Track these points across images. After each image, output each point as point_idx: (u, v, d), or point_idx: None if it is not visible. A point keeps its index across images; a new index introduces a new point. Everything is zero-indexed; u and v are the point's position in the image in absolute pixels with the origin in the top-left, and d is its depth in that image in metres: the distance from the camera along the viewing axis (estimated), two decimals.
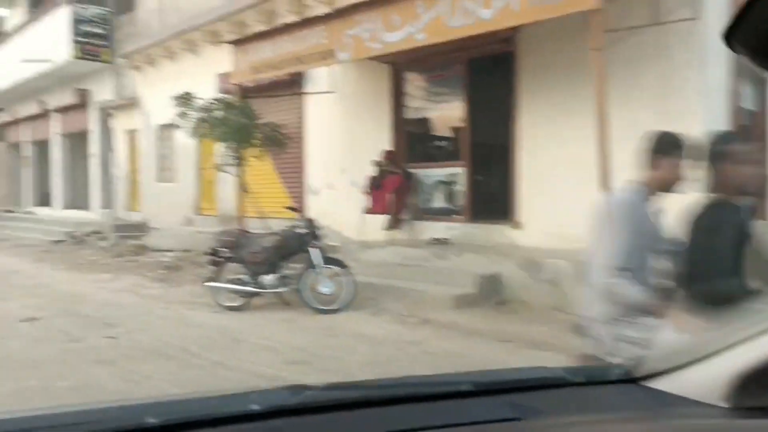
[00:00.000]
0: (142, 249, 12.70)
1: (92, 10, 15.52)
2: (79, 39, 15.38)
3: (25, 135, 21.30)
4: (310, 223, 7.28)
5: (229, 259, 7.58)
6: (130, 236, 14.04)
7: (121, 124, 15.84)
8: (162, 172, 14.58)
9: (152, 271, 10.29)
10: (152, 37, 13.84)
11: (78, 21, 15.36)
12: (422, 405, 1.25)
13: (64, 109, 18.14)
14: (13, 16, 21.86)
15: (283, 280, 7.30)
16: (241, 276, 7.44)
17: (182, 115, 8.84)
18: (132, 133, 15.62)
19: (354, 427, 1.18)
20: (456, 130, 9.00)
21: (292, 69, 8.56)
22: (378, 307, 6.97)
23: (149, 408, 1.14)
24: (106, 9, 15.70)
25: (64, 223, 16.73)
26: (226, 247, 7.57)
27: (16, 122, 21.69)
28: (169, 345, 5.77)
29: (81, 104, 17.08)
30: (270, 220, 10.14)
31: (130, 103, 15.13)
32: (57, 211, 19.07)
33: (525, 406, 1.22)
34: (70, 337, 6.19)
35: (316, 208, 10.52)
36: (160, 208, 14.33)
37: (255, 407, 1.14)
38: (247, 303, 7.45)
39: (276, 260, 7.31)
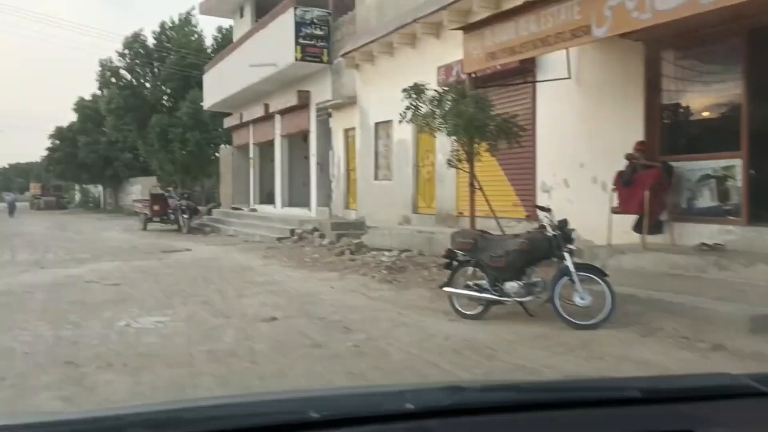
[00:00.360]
0: (361, 247, 12.62)
1: (313, 13, 15.91)
2: (302, 41, 15.84)
3: (250, 137, 22.72)
4: (562, 224, 6.39)
5: (466, 263, 6.96)
6: (348, 234, 14.11)
7: (338, 123, 16.08)
8: (378, 170, 14.50)
9: (376, 271, 10.03)
10: (371, 34, 13.77)
11: (300, 24, 15.83)
12: (585, 411, 1.21)
13: (286, 111, 18.94)
14: (239, 26, 23.45)
15: (529, 288, 6.50)
16: (480, 282, 6.77)
17: (412, 107, 8.35)
18: (349, 132, 15.77)
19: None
20: (729, 115, 7.56)
21: (534, 53, 7.72)
22: (648, 326, 5.90)
23: (311, 402, 1.22)
24: (326, 11, 16.03)
25: (285, 220, 17.42)
26: (462, 250, 6.95)
27: (242, 125, 23.24)
28: (417, 358, 5.23)
29: (302, 105, 17.68)
30: (492, 219, 9.44)
31: (348, 102, 15.26)
32: (279, 209, 20.02)
33: (699, 417, 1.15)
34: (311, 341, 5.91)
35: (548, 206, 9.60)
36: (377, 207, 14.24)
37: (410, 407, 1.14)
38: (485, 311, 6.76)
39: (521, 265, 6.53)
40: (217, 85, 23.44)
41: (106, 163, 43.54)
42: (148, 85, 33.51)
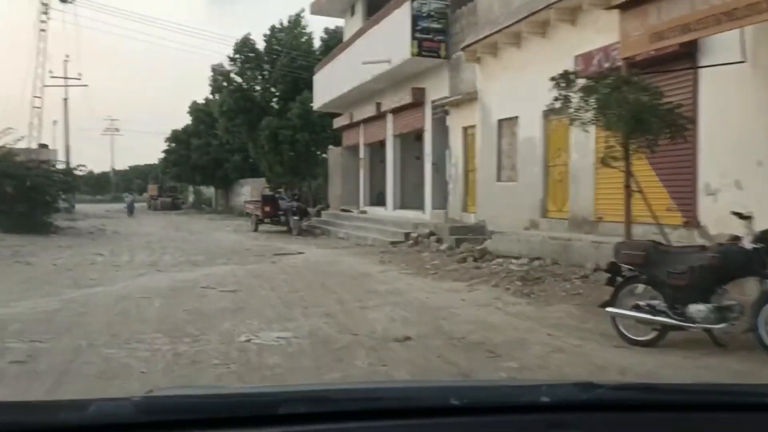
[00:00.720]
0: (485, 254, 11.64)
1: (431, 5, 15.08)
2: (418, 36, 15.05)
3: (361, 137, 22.22)
4: (765, 236, 5.19)
5: (634, 279, 5.87)
6: (468, 239, 13.18)
7: (456, 121, 15.16)
8: (501, 171, 13.45)
9: (508, 282, 9.04)
10: (495, 24, 12.76)
11: (417, 18, 15.04)
12: (721, 415, 1.19)
13: (399, 110, 18.23)
14: (350, 25, 23.02)
15: (721, 313, 5.33)
16: (653, 302, 5.66)
17: (561, 98, 7.32)
18: (468, 130, 14.82)
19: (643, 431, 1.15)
20: None
21: (715, 30, 6.50)
22: None
23: (452, 391, 1.26)
24: (444, 2, 15.17)
25: (397, 223, 16.70)
26: (630, 264, 5.86)
27: (352, 126, 22.79)
28: None
29: (416, 103, 16.89)
30: (639, 225, 8.23)
31: (467, 99, 14.32)
32: (390, 212, 19.35)
33: None
34: (456, 368, 5.06)
35: (712, 212, 8.29)
36: (499, 210, 13.21)
37: (545, 399, 1.18)
38: (660, 337, 5.65)
39: (709, 285, 5.38)
40: (327, 86, 23.13)
41: (217, 164, 44.74)
42: (257, 88, 33.92)
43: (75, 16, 77.07)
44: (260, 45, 33.42)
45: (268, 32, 33.45)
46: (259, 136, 32.30)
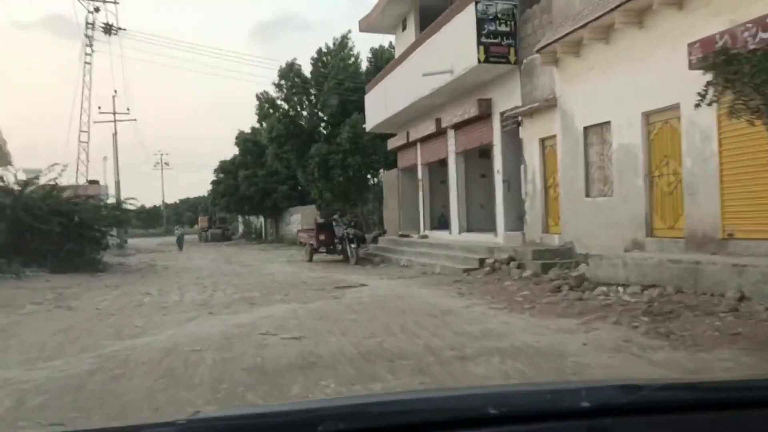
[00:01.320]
0: (582, 281, 9.99)
1: (497, 6, 13.64)
2: (485, 40, 13.61)
3: (418, 157, 20.81)
4: None
5: None
6: (555, 264, 11.54)
7: (531, 132, 13.60)
8: (591, 185, 11.81)
9: (630, 318, 7.37)
10: (576, 20, 11.23)
11: (482, 21, 13.61)
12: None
13: (462, 125, 16.78)
14: (401, 40, 21.76)
15: None
16: None
17: (719, 84, 5.72)
18: (546, 142, 13.24)
19: None
20: None
21: None
22: None
23: (489, 398, 1.23)
24: (512, 2, 13.72)
25: (467, 248, 15.16)
26: None
27: (408, 145, 21.42)
28: None
29: (482, 116, 15.41)
30: None
31: (543, 107, 12.77)
32: (455, 236, 17.81)
33: None
34: None
35: None
36: (589, 229, 11.56)
37: (586, 405, 1.14)
38: None
39: None
40: (380, 105, 21.87)
41: (266, 194, 44.00)
42: (305, 113, 32.94)
43: (121, 47, 78.36)
44: (306, 69, 32.54)
45: (315, 56, 32.54)
46: (308, 163, 31.27)
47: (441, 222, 20.74)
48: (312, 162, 30.61)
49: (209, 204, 54.59)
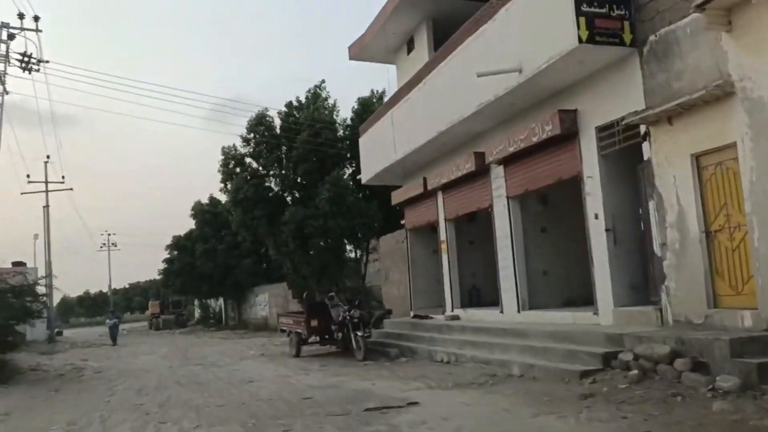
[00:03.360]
0: None
1: None
2: (587, 9, 8.82)
3: (440, 210, 15.70)
4: None
5: None
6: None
7: (670, 147, 8.63)
8: None
9: None
10: None
11: None
12: None
13: (519, 156, 11.82)
14: (406, 65, 17.04)
15: None
16: None
17: None
18: (703, 159, 8.26)
19: None
20: None
21: None
22: None
23: None
24: None
25: (552, 335, 9.97)
26: None
27: (423, 197, 16.35)
28: None
29: (561, 137, 10.48)
30: None
31: (702, 101, 7.88)
32: (510, 315, 12.54)
33: None
34: None
35: None
36: None
37: None
38: None
39: None
40: (383, 147, 16.92)
41: (226, 271, 38.17)
42: (273, 173, 27.67)
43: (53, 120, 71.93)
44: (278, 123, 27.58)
45: (285, 110, 27.63)
46: (281, 231, 25.89)
47: (473, 296, 15.51)
48: (286, 230, 25.25)
49: (161, 286, 48.12)
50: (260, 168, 27.51)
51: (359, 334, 13.96)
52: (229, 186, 27.58)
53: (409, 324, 15.92)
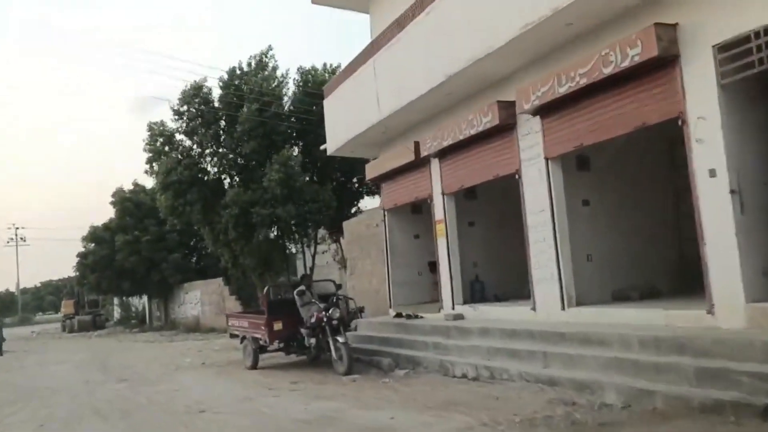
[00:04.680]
0: None
1: None
2: None
3: (437, 183, 12.49)
4: None
5: None
6: None
7: None
8: None
9: None
10: None
11: None
12: None
13: (572, 98, 8.77)
14: (381, 13, 13.80)
15: None
16: None
17: None
18: None
19: None
20: None
21: None
22: None
23: None
24: None
25: (626, 342, 7.00)
26: None
27: (414, 167, 13.12)
28: None
29: (655, 62, 7.47)
30: None
31: None
32: (546, 312, 9.48)
33: None
34: None
35: None
36: None
37: None
38: None
39: None
40: (359, 107, 13.60)
41: (151, 266, 33.79)
42: (210, 153, 23.78)
43: None
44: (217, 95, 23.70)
45: (225, 78, 23.76)
46: (219, 218, 22.16)
47: (474, 289, 12.44)
48: (226, 215, 21.53)
49: (75, 284, 42.91)
50: (194, 146, 23.63)
51: (340, 340, 10.62)
52: (156, 167, 23.51)
53: (393, 325, 12.68)
